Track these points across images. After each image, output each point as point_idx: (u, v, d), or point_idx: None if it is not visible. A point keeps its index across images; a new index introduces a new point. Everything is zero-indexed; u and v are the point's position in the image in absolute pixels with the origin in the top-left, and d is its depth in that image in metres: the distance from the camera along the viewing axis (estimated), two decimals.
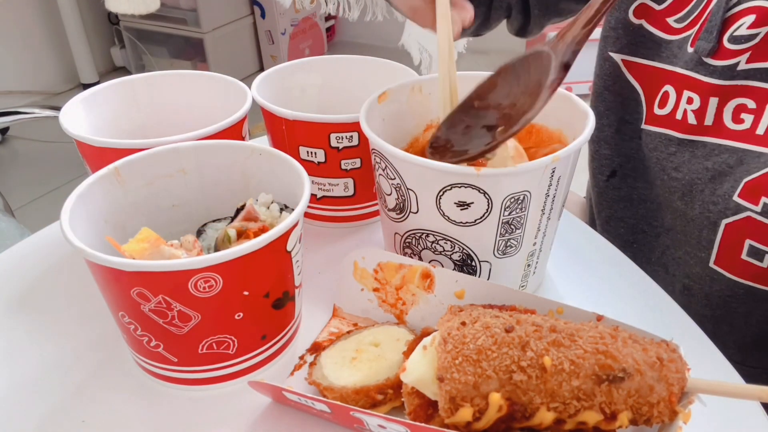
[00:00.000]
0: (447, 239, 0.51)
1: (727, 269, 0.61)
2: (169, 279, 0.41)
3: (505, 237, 0.50)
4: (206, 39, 2.61)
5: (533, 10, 0.79)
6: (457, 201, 0.48)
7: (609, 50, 0.69)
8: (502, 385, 0.38)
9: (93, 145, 0.55)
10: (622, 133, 0.69)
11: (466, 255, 0.51)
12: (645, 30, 0.66)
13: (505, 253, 0.51)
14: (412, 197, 0.50)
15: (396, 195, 0.51)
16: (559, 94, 0.56)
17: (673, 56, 0.64)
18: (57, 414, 0.47)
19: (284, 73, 0.68)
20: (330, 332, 0.52)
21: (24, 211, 1.96)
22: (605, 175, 0.72)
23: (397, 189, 0.51)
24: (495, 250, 0.51)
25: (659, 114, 0.65)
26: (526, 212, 0.49)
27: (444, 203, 0.48)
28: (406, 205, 0.51)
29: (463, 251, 0.51)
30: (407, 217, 0.52)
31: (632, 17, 0.67)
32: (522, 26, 0.83)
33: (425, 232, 0.51)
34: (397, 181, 0.50)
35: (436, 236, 0.51)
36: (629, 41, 0.67)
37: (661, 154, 0.65)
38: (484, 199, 0.47)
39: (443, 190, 0.47)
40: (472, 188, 0.47)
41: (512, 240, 0.50)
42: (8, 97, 2.52)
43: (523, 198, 0.48)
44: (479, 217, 0.48)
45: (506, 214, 0.48)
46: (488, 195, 0.47)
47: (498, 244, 0.50)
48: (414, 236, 0.52)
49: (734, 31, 0.58)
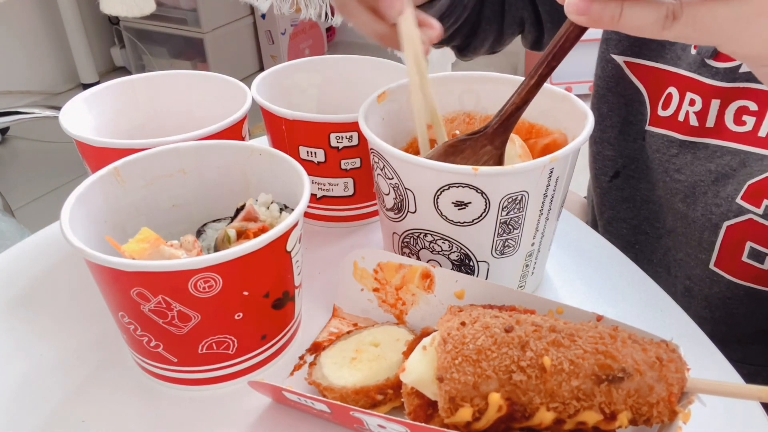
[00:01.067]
0: (445, 239, 0.51)
1: (727, 271, 0.61)
2: (169, 279, 0.41)
3: (503, 237, 0.50)
4: (206, 39, 2.61)
5: (545, 24, 0.79)
6: (454, 201, 0.48)
7: (611, 52, 0.69)
8: (502, 385, 0.38)
9: (93, 145, 0.55)
10: (626, 134, 0.69)
11: (464, 255, 0.51)
12: None
13: (503, 253, 0.51)
14: (409, 197, 0.50)
15: (394, 194, 0.51)
16: (558, 94, 0.56)
17: (676, 58, 0.64)
18: (57, 414, 0.47)
19: (284, 73, 0.68)
20: (330, 332, 0.52)
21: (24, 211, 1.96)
22: (608, 176, 0.72)
23: (395, 188, 0.51)
24: (493, 250, 0.51)
25: (663, 115, 0.65)
26: (524, 212, 0.49)
27: (442, 203, 0.48)
28: (404, 205, 0.51)
29: (461, 251, 0.51)
30: (405, 217, 0.52)
31: None
32: (536, 40, 0.83)
33: (423, 231, 0.51)
34: (395, 180, 0.50)
35: (434, 236, 0.51)
36: (631, 43, 0.67)
37: (664, 155, 0.65)
38: (482, 199, 0.47)
39: (441, 189, 0.47)
40: (470, 188, 0.47)
41: (510, 240, 0.50)
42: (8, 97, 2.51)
43: (521, 198, 0.48)
44: (477, 216, 0.48)
45: (504, 214, 0.48)
46: (486, 195, 0.47)
47: (496, 244, 0.50)
48: (412, 236, 0.52)
49: None
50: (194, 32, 2.61)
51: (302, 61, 0.70)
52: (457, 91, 0.60)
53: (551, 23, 0.80)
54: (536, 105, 0.56)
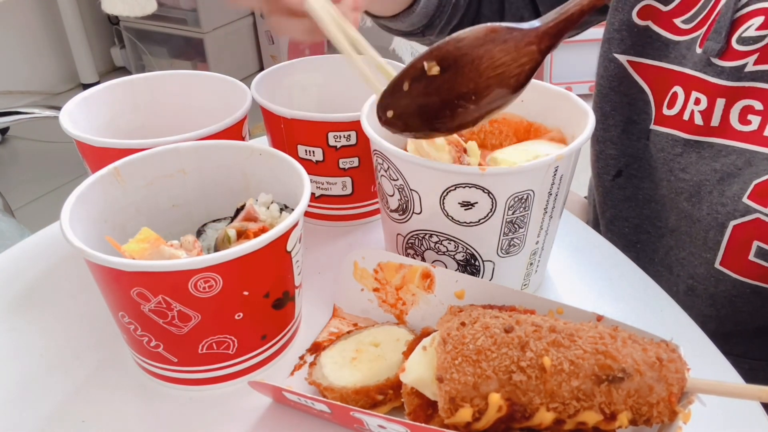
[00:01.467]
0: (451, 239, 0.51)
1: (733, 270, 0.61)
2: (169, 279, 0.41)
3: (509, 236, 0.50)
4: (206, 39, 2.61)
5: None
6: (461, 201, 0.48)
7: (614, 52, 0.69)
8: (502, 385, 0.38)
9: (93, 145, 0.55)
10: (629, 133, 0.69)
11: (470, 255, 0.51)
12: (652, 31, 0.66)
13: (509, 252, 0.51)
14: (415, 198, 0.50)
15: (399, 196, 0.51)
16: (558, 93, 0.56)
17: (681, 57, 0.64)
18: (57, 414, 0.47)
19: (284, 71, 0.68)
20: (330, 332, 0.52)
21: (24, 211, 1.96)
22: (611, 174, 0.72)
23: (400, 190, 0.51)
24: (498, 249, 0.51)
25: (668, 114, 0.65)
26: (529, 211, 0.49)
27: (448, 203, 0.48)
28: (409, 206, 0.51)
29: (466, 251, 0.51)
30: (410, 218, 0.52)
31: (636, 19, 0.67)
32: None
33: (428, 232, 0.51)
34: (400, 182, 0.50)
35: (440, 236, 0.51)
36: (634, 42, 0.67)
37: (669, 154, 0.65)
38: (489, 198, 0.47)
39: (447, 190, 0.47)
40: (477, 188, 0.47)
41: (516, 239, 0.50)
42: (8, 97, 2.52)
43: (527, 197, 0.48)
44: (483, 216, 0.48)
45: (510, 213, 0.48)
46: (492, 194, 0.47)
47: (501, 243, 0.50)
48: (417, 237, 0.52)
49: (743, 32, 0.58)
50: (194, 32, 2.61)
51: (303, 59, 0.70)
52: None
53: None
54: (535, 103, 0.57)
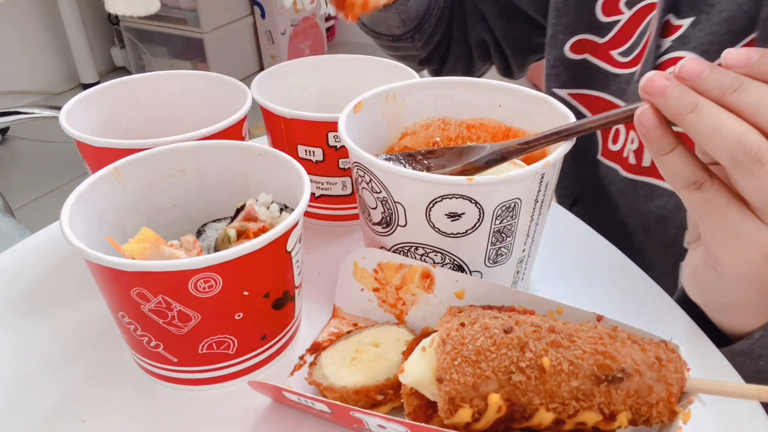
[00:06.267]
0: (437, 251, 0.50)
1: None
2: (169, 279, 0.41)
3: (496, 246, 0.49)
4: (206, 39, 2.61)
5: (505, 49, 0.80)
6: (447, 212, 0.46)
7: (553, 87, 0.69)
8: (501, 385, 0.38)
9: (93, 145, 0.55)
10: (579, 160, 0.69)
11: (457, 266, 0.50)
12: (591, 63, 0.66)
13: (496, 261, 0.50)
14: (399, 210, 0.48)
15: (382, 209, 0.50)
16: (537, 98, 0.55)
17: (622, 91, 0.63)
18: (57, 414, 0.47)
19: (285, 71, 0.68)
20: (330, 332, 0.52)
21: (24, 211, 1.96)
22: (568, 204, 0.73)
23: (383, 202, 0.49)
24: (486, 259, 0.50)
25: (612, 149, 0.65)
26: (516, 220, 0.48)
27: (434, 215, 0.47)
28: (393, 219, 0.49)
29: (453, 262, 0.50)
30: (394, 231, 0.50)
31: (570, 53, 0.67)
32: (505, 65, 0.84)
33: (414, 245, 0.50)
34: (383, 194, 0.49)
35: (426, 249, 0.50)
36: (572, 76, 0.68)
37: (616, 188, 0.65)
38: (476, 209, 0.46)
39: (433, 201, 0.46)
40: (464, 198, 0.46)
41: (503, 248, 0.50)
42: (8, 97, 2.52)
43: (514, 205, 0.47)
44: (471, 227, 0.47)
45: (497, 222, 0.47)
46: (480, 204, 0.46)
47: (489, 253, 0.50)
48: (402, 250, 0.51)
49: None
50: (194, 32, 2.61)
51: (303, 59, 0.70)
52: (431, 96, 0.58)
53: (510, 48, 0.81)
54: (514, 108, 0.56)
